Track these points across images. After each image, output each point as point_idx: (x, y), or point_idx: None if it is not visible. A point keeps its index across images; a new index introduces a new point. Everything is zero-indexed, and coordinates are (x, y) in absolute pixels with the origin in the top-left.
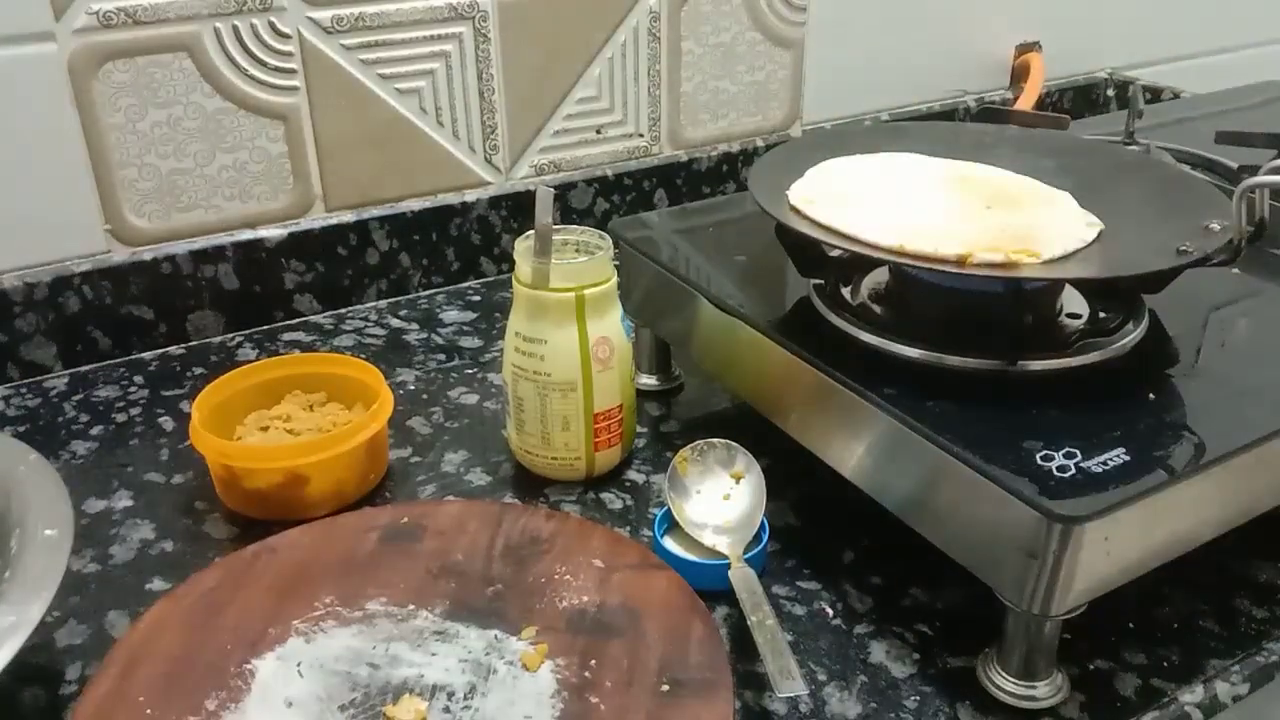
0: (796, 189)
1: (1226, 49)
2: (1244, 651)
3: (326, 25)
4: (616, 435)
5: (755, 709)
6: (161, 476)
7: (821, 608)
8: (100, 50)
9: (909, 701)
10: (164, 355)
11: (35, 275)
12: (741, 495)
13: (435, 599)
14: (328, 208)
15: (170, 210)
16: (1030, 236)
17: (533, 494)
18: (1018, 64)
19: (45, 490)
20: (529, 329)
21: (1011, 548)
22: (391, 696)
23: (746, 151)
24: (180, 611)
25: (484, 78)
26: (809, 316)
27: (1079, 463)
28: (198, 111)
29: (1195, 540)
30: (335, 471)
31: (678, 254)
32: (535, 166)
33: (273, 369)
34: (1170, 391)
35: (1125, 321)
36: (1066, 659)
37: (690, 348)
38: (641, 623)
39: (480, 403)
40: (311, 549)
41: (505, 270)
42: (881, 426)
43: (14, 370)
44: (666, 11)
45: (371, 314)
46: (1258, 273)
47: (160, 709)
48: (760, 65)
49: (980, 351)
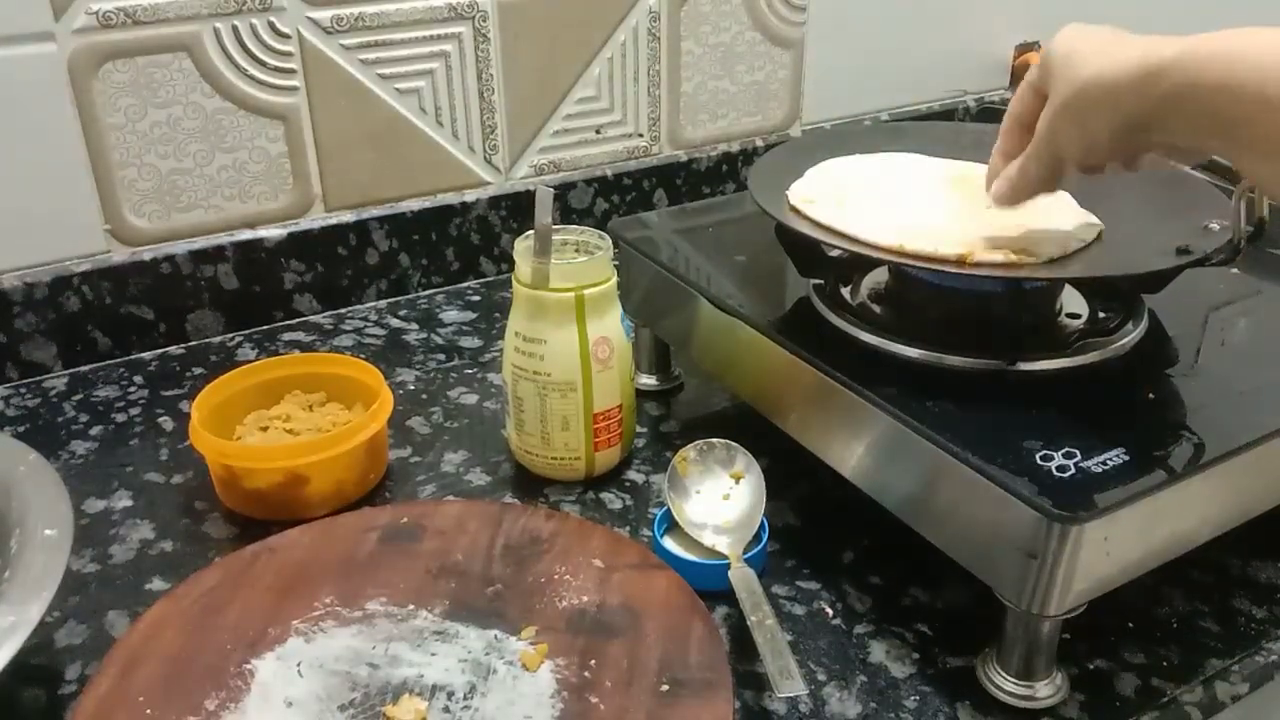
0: (796, 189)
1: None
2: (1243, 651)
3: (326, 25)
4: (616, 435)
5: (755, 709)
6: (161, 476)
7: (821, 608)
8: (100, 50)
9: (909, 701)
10: (164, 355)
11: (35, 275)
12: (741, 495)
13: (435, 599)
14: (327, 208)
15: (170, 210)
16: (1030, 236)
17: (533, 494)
18: (1018, 64)
19: (45, 490)
20: (529, 329)
21: (1011, 548)
22: (391, 696)
23: (746, 151)
24: (180, 611)
25: (484, 78)
26: (809, 316)
27: (1079, 462)
28: (197, 111)
29: (1195, 540)
30: (335, 471)
31: (678, 254)
32: (535, 166)
33: (272, 369)
34: (1170, 391)
35: (1125, 321)
36: (1066, 659)
37: (690, 348)
38: (641, 623)
39: (480, 403)
40: (311, 549)
41: (505, 270)
42: (881, 426)
43: (14, 370)
44: (666, 11)
45: (371, 314)
46: (1257, 273)
47: (160, 709)
48: (760, 65)
49: (980, 351)
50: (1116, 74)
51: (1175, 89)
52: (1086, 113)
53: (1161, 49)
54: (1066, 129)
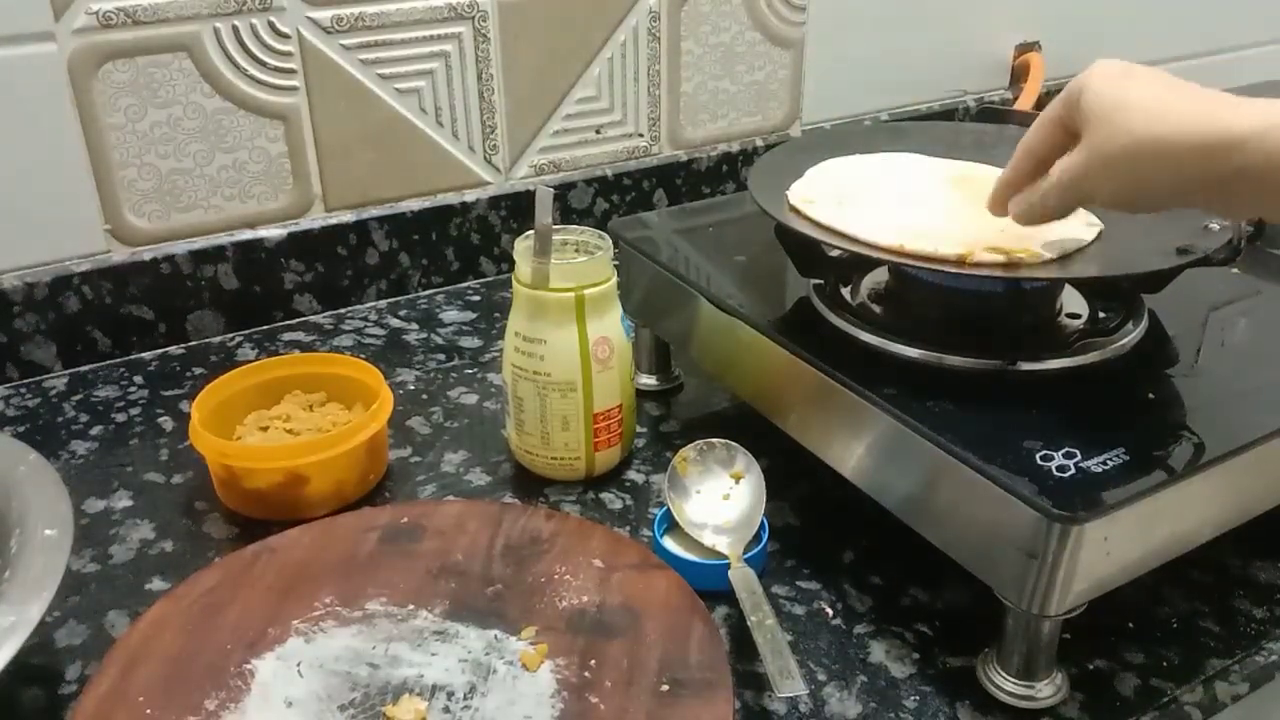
0: (796, 189)
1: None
2: (1243, 651)
3: (326, 25)
4: (616, 435)
5: (755, 709)
6: (161, 476)
7: (821, 608)
8: (100, 50)
9: (909, 701)
10: (164, 355)
11: (35, 275)
12: (741, 495)
13: (435, 599)
14: (327, 208)
15: (170, 210)
16: (1030, 236)
17: (533, 494)
18: (1018, 64)
19: (45, 490)
20: (529, 329)
21: (1011, 548)
22: (391, 696)
23: (746, 151)
24: (180, 611)
25: (484, 78)
26: (809, 316)
27: (1079, 462)
28: (197, 111)
29: (1195, 540)
30: (335, 471)
31: (678, 254)
32: (535, 166)
33: (272, 369)
34: (1170, 391)
35: (1125, 321)
36: (1066, 659)
37: (690, 348)
38: (641, 623)
39: (480, 403)
40: (311, 549)
41: (505, 270)
42: (881, 426)
43: (14, 370)
44: (666, 11)
45: (371, 314)
46: (1258, 273)
47: (160, 709)
48: (760, 65)
49: (980, 351)
50: (1184, 138)
51: (1252, 165)
52: (1137, 167)
53: (1234, 120)
54: (1106, 178)
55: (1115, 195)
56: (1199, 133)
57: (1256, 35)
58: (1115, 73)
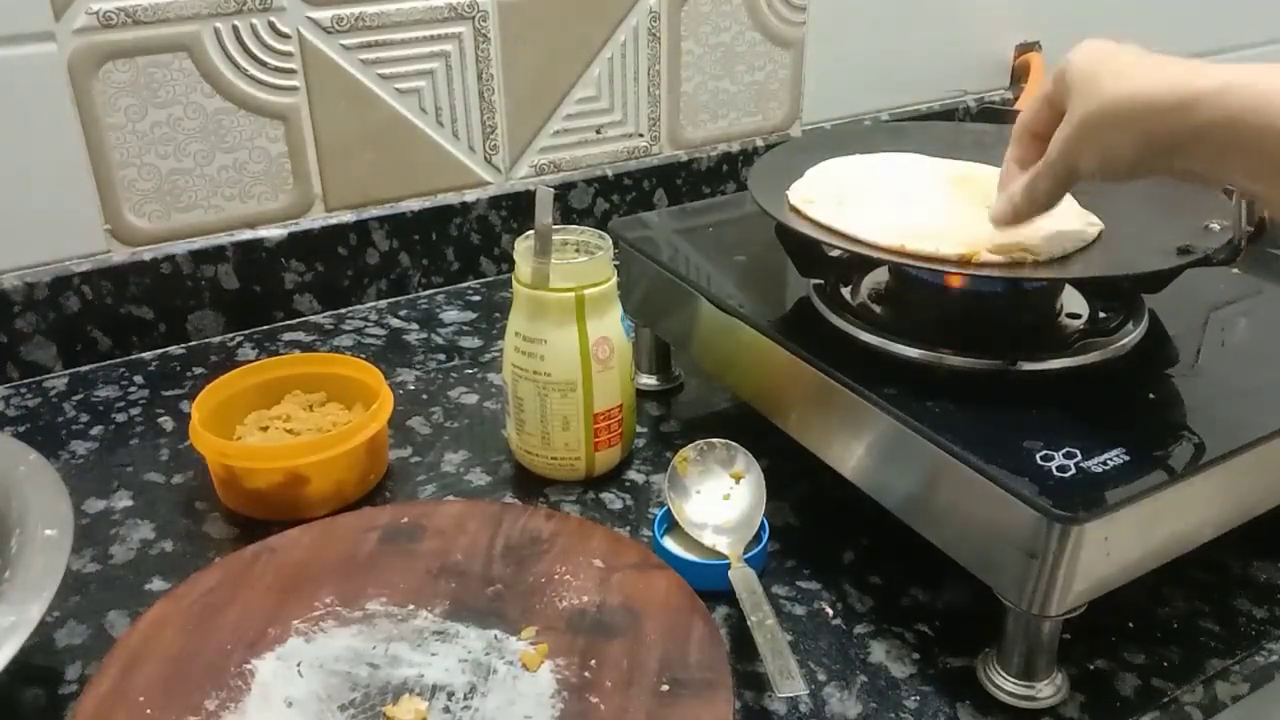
0: (796, 189)
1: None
2: (1244, 651)
3: (326, 25)
4: (616, 435)
5: (755, 709)
6: (161, 476)
7: (821, 608)
8: (100, 50)
9: (909, 701)
10: (164, 355)
11: (35, 275)
12: (741, 495)
13: (435, 599)
14: (327, 208)
15: (170, 210)
16: (1030, 236)
17: (533, 494)
18: (1018, 64)
19: (45, 490)
20: (529, 329)
21: (1011, 548)
22: (391, 696)
23: (746, 151)
24: (180, 611)
25: (484, 78)
26: (809, 316)
27: (1079, 463)
28: (198, 111)
29: (1195, 540)
30: (335, 471)
31: (678, 254)
32: (535, 166)
33: (273, 369)
34: (1170, 391)
35: (1125, 321)
36: (1066, 659)
37: (690, 348)
38: (641, 623)
39: (480, 403)
40: (311, 549)
41: (505, 270)
42: (881, 426)
43: (14, 370)
44: (666, 11)
45: (371, 314)
46: (1258, 273)
47: (160, 709)
48: (760, 65)
49: (980, 351)
50: (1147, 96)
51: (1211, 122)
52: (1109, 130)
53: (1196, 79)
54: (1086, 145)
55: (1100, 163)
56: (1160, 92)
57: (1256, 35)
58: (1093, 48)
